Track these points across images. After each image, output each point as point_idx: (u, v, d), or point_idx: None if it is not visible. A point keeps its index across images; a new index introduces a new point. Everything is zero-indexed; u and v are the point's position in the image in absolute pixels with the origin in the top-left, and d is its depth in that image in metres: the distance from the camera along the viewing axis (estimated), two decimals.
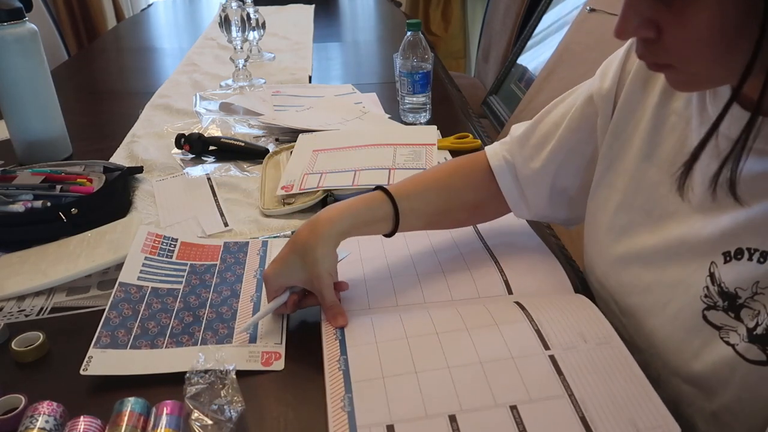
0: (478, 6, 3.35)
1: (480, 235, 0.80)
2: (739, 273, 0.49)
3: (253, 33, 1.67)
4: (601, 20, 1.64)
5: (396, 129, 1.18)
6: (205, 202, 0.94)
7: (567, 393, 0.52)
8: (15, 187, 0.89)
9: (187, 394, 0.53)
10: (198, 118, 1.29)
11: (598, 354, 0.56)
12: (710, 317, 0.52)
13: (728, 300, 0.50)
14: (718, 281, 0.51)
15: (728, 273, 0.50)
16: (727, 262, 0.50)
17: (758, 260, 0.48)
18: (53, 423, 0.51)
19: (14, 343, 0.64)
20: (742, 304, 0.49)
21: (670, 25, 0.45)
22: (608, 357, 0.56)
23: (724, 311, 0.51)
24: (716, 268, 0.51)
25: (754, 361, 0.48)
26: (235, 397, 0.53)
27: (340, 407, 0.53)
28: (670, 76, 0.51)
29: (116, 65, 1.84)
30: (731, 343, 0.50)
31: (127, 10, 3.25)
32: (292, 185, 0.93)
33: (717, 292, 0.51)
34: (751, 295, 0.49)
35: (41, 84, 1.05)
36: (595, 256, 0.67)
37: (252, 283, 0.73)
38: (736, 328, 0.50)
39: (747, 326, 0.49)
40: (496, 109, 2.15)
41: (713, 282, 0.51)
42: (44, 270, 0.75)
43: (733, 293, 0.50)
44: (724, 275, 0.51)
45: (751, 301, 0.49)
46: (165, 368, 0.60)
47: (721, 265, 0.51)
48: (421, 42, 1.18)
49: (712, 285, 0.51)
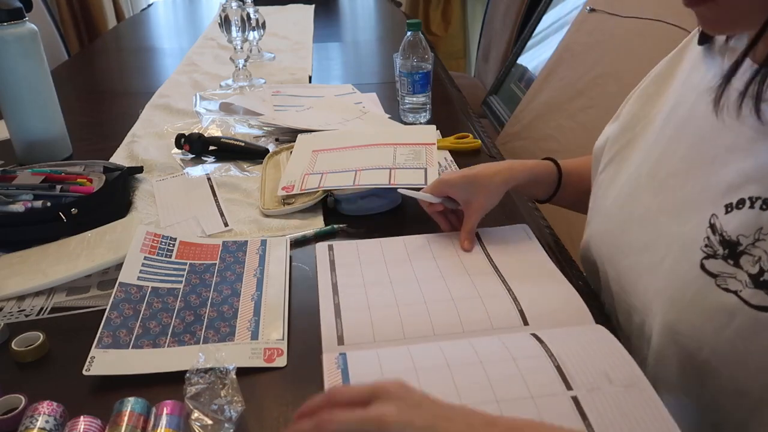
0: (478, 6, 3.35)
1: (490, 258, 0.77)
2: (741, 221, 0.50)
3: (253, 33, 1.67)
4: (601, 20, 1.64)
5: (395, 129, 1.18)
6: (205, 202, 0.94)
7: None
8: (15, 187, 0.89)
9: (187, 394, 0.53)
10: (198, 118, 1.29)
11: (626, 398, 0.52)
12: (708, 266, 0.53)
13: (729, 248, 0.51)
14: (719, 230, 0.52)
15: (730, 222, 0.51)
16: (728, 212, 0.52)
17: (761, 207, 0.49)
18: (53, 423, 0.51)
19: (14, 343, 0.64)
20: (743, 251, 0.50)
21: None
22: (637, 402, 0.52)
23: (723, 259, 0.52)
24: (717, 219, 0.52)
25: (759, 307, 0.49)
26: (235, 397, 0.53)
27: None
28: (706, 13, 0.52)
29: (116, 65, 1.84)
30: (732, 290, 0.51)
31: (127, 10, 3.25)
32: (293, 186, 0.93)
33: (718, 241, 0.52)
34: (753, 241, 0.50)
35: (41, 84, 1.05)
36: (596, 224, 0.70)
37: (252, 282, 0.73)
38: (735, 274, 0.51)
39: (748, 272, 0.50)
40: (496, 109, 2.15)
41: (714, 232, 0.52)
42: (44, 270, 0.75)
43: (734, 241, 0.51)
44: (725, 225, 0.52)
45: (752, 247, 0.50)
46: (167, 367, 0.60)
47: (722, 215, 0.52)
48: (421, 42, 1.18)
49: (714, 235, 0.52)
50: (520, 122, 1.83)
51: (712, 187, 0.54)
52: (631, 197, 0.66)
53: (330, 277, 0.73)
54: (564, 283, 0.71)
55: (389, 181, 0.90)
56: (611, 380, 0.54)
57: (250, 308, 0.69)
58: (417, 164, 0.95)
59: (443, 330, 0.64)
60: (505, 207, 0.90)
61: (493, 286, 0.71)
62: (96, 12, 3.00)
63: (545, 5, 2.12)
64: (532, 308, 0.67)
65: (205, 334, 0.65)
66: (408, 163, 0.95)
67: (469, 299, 0.69)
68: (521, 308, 0.67)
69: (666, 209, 0.59)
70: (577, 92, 1.58)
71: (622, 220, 0.66)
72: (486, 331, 0.64)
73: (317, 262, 0.77)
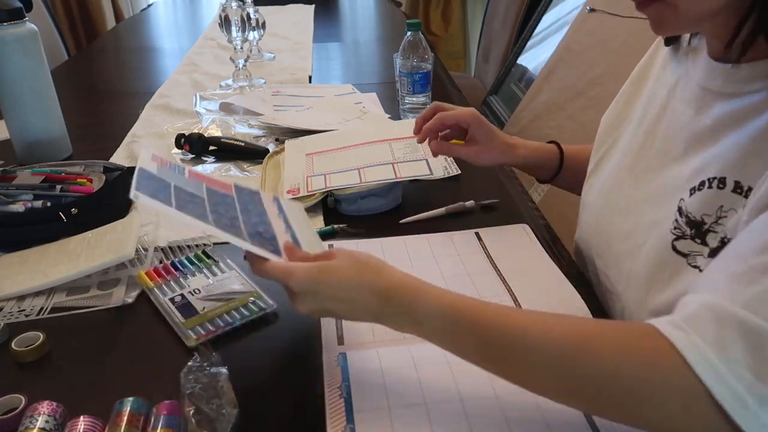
0: (478, 6, 3.35)
1: (490, 258, 0.77)
2: (703, 201, 0.53)
3: (253, 33, 1.67)
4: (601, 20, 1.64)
5: (385, 125, 1.18)
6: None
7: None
8: (15, 187, 0.89)
9: (184, 392, 0.53)
10: (198, 118, 1.29)
11: None
12: (679, 246, 0.56)
13: (695, 227, 0.54)
14: (685, 212, 0.55)
15: (693, 203, 0.54)
16: (692, 195, 0.55)
17: (717, 186, 0.52)
18: (53, 423, 0.51)
19: (14, 343, 0.64)
20: (708, 229, 0.53)
21: None
22: None
23: (692, 239, 0.54)
24: (683, 202, 0.56)
25: None
26: (229, 399, 0.53)
27: None
28: (656, 15, 0.55)
29: (116, 65, 1.84)
30: (696, 265, 0.53)
31: (127, 10, 3.25)
32: (298, 188, 0.93)
33: (685, 222, 0.55)
34: (716, 219, 0.52)
35: (41, 84, 1.05)
36: (586, 216, 0.74)
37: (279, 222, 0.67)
38: (702, 252, 0.53)
39: (710, 247, 0.52)
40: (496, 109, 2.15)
41: (681, 214, 0.56)
42: (44, 270, 0.75)
43: (699, 220, 0.54)
44: (689, 206, 0.55)
45: (716, 225, 0.52)
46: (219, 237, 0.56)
47: (687, 198, 0.55)
48: (421, 42, 1.18)
49: (680, 217, 0.56)
50: (520, 122, 1.83)
51: (682, 174, 0.58)
52: (613, 191, 0.69)
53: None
54: (564, 282, 0.71)
55: (396, 176, 0.90)
56: None
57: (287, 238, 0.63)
58: (417, 156, 0.95)
59: None
60: (505, 207, 0.90)
61: (493, 286, 0.71)
62: (95, 12, 3.00)
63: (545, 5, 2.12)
64: (532, 308, 0.67)
65: (252, 242, 0.58)
66: (407, 156, 0.95)
67: None
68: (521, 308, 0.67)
69: (645, 199, 0.63)
70: (577, 92, 1.58)
71: (607, 213, 0.69)
72: None
73: None
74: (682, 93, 0.62)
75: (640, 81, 0.72)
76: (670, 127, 0.62)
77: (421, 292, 0.53)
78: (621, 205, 0.67)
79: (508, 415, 0.52)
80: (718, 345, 0.41)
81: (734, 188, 0.51)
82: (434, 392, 0.55)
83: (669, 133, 0.62)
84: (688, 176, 0.57)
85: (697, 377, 0.41)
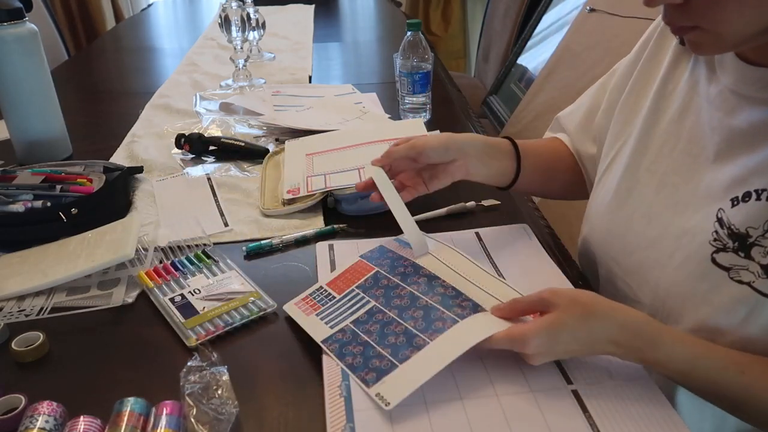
0: (478, 6, 3.35)
1: (490, 258, 0.76)
2: (748, 213, 0.52)
3: (253, 33, 1.67)
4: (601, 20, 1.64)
5: (384, 125, 1.18)
6: (206, 202, 0.94)
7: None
8: (15, 187, 0.89)
9: (184, 392, 0.53)
10: (198, 118, 1.29)
11: (627, 391, 0.53)
12: (719, 260, 0.54)
13: (739, 240, 0.52)
14: (727, 224, 0.53)
15: (737, 215, 0.53)
16: (735, 206, 0.53)
17: (766, 198, 0.51)
18: (53, 423, 0.51)
19: (14, 343, 0.64)
20: (753, 243, 0.52)
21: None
22: (638, 395, 0.53)
23: (734, 252, 0.53)
24: (723, 213, 0.54)
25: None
26: (229, 398, 0.53)
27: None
28: (694, 39, 0.53)
29: (116, 65, 1.84)
30: (745, 281, 0.52)
31: (127, 10, 3.25)
32: (299, 188, 0.93)
33: (727, 234, 0.53)
34: (763, 233, 0.51)
35: (41, 84, 1.05)
36: (598, 222, 0.71)
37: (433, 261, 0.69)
38: (747, 266, 0.52)
39: (760, 263, 0.51)
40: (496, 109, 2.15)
41: (722, 226, 0.54)
42: (44, 270, 0.75)
43: (744, 233, 0.52)
44: (732, 218, 0.53)
45: (762, 239, 0.51)
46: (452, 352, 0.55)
47: (728, 209, 0.53)
48: (421, 42, 1.18)
49: (722, 228, 0.54)
50: (520, 122, 1.83)
51: (717, 182, 0.55)
52: (630, 194, 0.66)
53: (330, 276, 0.73)
54: (564, 282, 0.71)
55: None
56: (611, 375, 0.55)
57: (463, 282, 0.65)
58: None
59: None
60: (505, 207, 0.90)
61: (493, 286, 0.71)
62: (95, 12, 3.00)
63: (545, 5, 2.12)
64: None
65: (454, 313, 0.60)
66: None
67: None
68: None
69: (670, 205, 0.60)
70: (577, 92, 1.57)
71: (624, 216, 0.67)
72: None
73: (317, 262, 0.77)
74: (707, 93, 0.59)
75: (647, 75, 0.69)
76: (696, 128, 0.59)
77: (663, 332, 0.53)
78: (641, 210, 0.64)
79: (508, 414, 0.52)
80: None
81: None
82: (434, 391, 0.55)
83: (696, 134, 0.59)
84: (725, 185, 0.54)
85: None
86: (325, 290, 0.70)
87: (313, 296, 0.69)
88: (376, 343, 0.60)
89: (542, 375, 0.55)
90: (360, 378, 0.56)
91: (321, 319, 0.65)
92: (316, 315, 0.66)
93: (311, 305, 0.67)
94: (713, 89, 0.58)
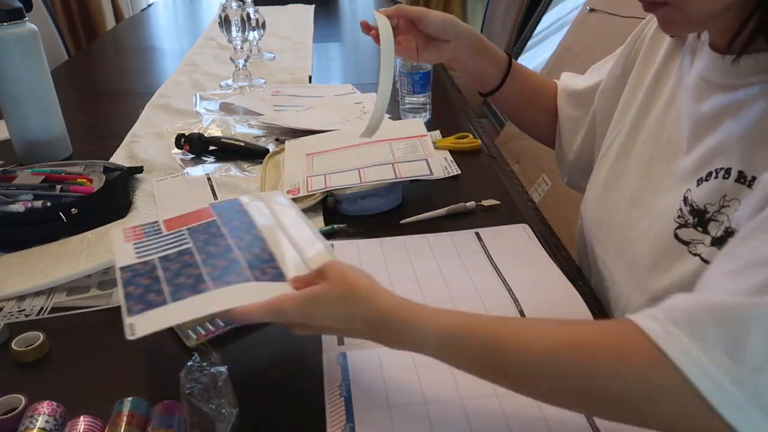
0: (478, 6, 3.35)
1: (491, 259, 0.77)
2: (708, 191, 0.54)
3: (253, 33, 1.67)
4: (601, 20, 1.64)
5: (385, 125, 1.17)
6: (206, 202, 0.94)
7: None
8: (15, 187, 0.89)
9: (184, 392, 0.53)
10: (198, 118, 1.29)
11: None
12: (680, 234, 0.57)
13: (698, 216, 0.55)
14: (689, 202, 0.56)
15: (699, 193, 0.55)
16: (699, 185, 0.56)
17: (723, 176, 0.53)
18: (53, 423, 0.51)
19: (14, 343, 0.64)
20: (710, 218, 0.54)
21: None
22: None
23: (694, 227, 0.55)
24: (690, 192, 0.57)
25: None
26: (228, 399, 0.53)
27: None
28: (663, 16, 0.56)
29: (116, 65, 1.84)
30: (697, 253, 0.54)
31: (127, 10, 3.25)
32: (298, 189, 0.93)
33: (689, 211, 0.56)
34: (719, 208, 0.53)
35: (41, 84, 1.05)
36: (591, 203, 0.74)
37: (270, 227, 0.67)
38: (703, 240, 0.54)
39: (713, 236, 0.53)
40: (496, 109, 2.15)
41: (686, 203, 0.57)
42: (44, 270, 0.75)
43: (702, 209, 0.55)
44: (695, 196, 0.56)
45: (718, 214, 0.53)
46: (224, 304, 0.55)
47: (694, 189, 0.56)
48: None
49: (685, 206, 0.57)
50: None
51: (688, 165, 0.58)
52: (618, 180, 0.70)
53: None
54: (564, 282, 0.71)
55: (396, 176, 0.90)
56: None
57: (285, 248, 0.63)
58: (417, 156, 0.95)
59: None
60: (505, 207, 0.90)
61: (493, 286, 0.71)
62: (95, 12, 3.00)
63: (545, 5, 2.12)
64: (532, 308, 0.67)
65: (254, 274, 0.58)
66: (408, 156, 0.95)
67: (469, 299, 0.69)
68: (521, 308, 0.67)
69: (653, 189, 0.64)
70: None
71: (611, 201, 0.70)
72: None
73: None
74: (686, 83, 0.62)
75: (642, 72, 0.72)
76: (678, 117, 0.63)
77: (413, 317, 0.52)
78: (627, 194, 0.67)
79: (508, 414, 0.52)
80: (692, 330, 0.41)
81: (737, 178, 0.52)
82: (434, 392, 0.55)
83: (677, 123, 0.63)
84: (693, 166, 0.57)
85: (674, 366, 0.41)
86: (157, 225, 0.70)
87: (143, 227, 0.69)
88: (166, 279, 0.59)
89: None
90: (127, 307, 0.55)
91: (135, 248, 0.65)
92: (134, 244, 0.65)
93: (135, 234, 0.67)
94: (691, 79, 0.62)
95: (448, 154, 1.08)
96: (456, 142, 1.11)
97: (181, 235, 0.67)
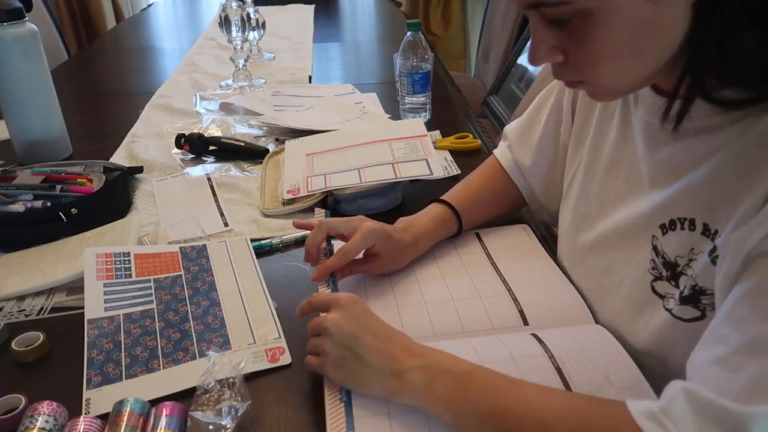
0: (478, 6, 3.34)
1: (491, 259, 0.76)
2: (676, 243, 0.53)
3: (253, 33, 1.67)
4: None
5: (383, 126, 1.18)
6: (206, 202, 0.94)
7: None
8: (15, 187, 0.89)
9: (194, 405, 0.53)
10: (198, 118, 1.29)
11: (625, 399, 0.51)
12: (657, 288, 0.56)
13: (670, 269, 0.54)
14: (661, 253, 0.55)
15: (667, 244, 0.54)
16: (665, 234, 0.54)
17: (689, 228, 0.52)
18: (53, 423, 0.51)
19: (14, 343, 0.64)
20: (681, 272, 0.53)
21: (572, 48, 0.49)
22: None
23: (668, 280, 0.54)
24: (657, 240, 0.55)
25: (690, 319, 0.52)
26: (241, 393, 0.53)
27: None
28: (587, 90, 0.54)
29: (116, 65, 1.84)
30: (669, 308, 0.54)
31: (127, 10, 3.25)
32: (298, 188, 0.93)
33: (661, 263, 0.55)
34: (687, 261, 0.52)
35: (41, 84, 1.05)
36: (563, 247, 0.72)
37: (228, 288, 0.72)
38: (674, 294, 0.53)
39: (681, 291, 0.52)
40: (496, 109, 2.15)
41: (657, 254, 0.55)
42: (44, 270, 0.75)
43: (673, 262, 0.54)
44: (664, 246, 0.54)
45: (687, 267, 0.52)
46: (171, 388, 0.58)
47: (660, 237, 0.55)
48: (421, 42, 1.18)
49: (657, 257, 0.55)
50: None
51: (650, 209, 0.56)
52: (584, 221, 0.68)
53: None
54: (564, 283, 0.71)
55: (395, 176, 0.90)
56: (611, 382, 0.54)
57: (237, 315, 0.68)
58: (417, 156, 0.95)
59: (443, 330, 0.64)
60: None
61: (493, 286, 0.71)
62: (95, 12, 3.00)
63: None
64: (532, 308, 0.67)
65: (199, 348, 0.63)
66: (407, 156, 0.95)
67: (469, 299, 0.69)
68: (521, 308, 0.67)
69: (618, 232, 0.61)
70: None
71: (581, 245, 0.68)
72: (486, 331, 0.64)
73: None
74: (636, 121, 0.60)
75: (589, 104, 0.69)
76: (633, 156, 0.60)
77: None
78: (595, 238, 0.65)
79: None
80: None
81: (703, 231, 0.51)
82: None
83: (633, 163, 0.60)
84: (654, 212, 0.56)
85: None
86: (128, 261, 0.73)
87: (115, 258, 0.73)
88: (126, 348, 0.63)
89: (541, 382, 0.54)
90: (87, 376, 0.60)
91: (105, 292, 0.69)
92: (104, 284, 0.70)
93: (107, 266, 0.71)
94: (637, 118, 0.59)
95: (448, 154, 1.08)
96: (456, 142, 1.11)
97: (147, 288, 0.71)
